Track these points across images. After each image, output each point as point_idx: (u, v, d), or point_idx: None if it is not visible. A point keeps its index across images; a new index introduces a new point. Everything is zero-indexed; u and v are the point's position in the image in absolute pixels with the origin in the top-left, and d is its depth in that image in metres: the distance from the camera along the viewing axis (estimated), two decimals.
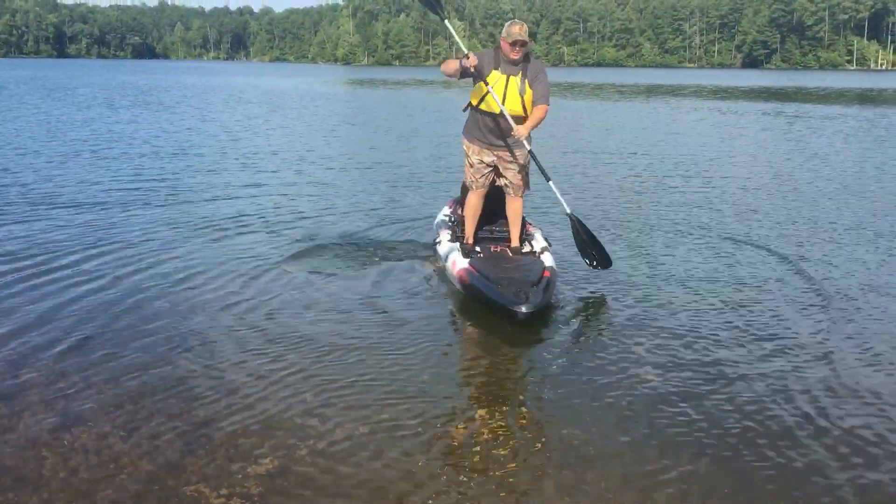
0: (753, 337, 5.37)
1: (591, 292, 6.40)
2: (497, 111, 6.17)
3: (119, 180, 11.42)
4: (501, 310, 5.41)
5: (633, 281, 6.69)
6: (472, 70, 6.08)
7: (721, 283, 6.67)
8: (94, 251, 7.28)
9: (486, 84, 6.13)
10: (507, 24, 6.19)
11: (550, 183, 6.49)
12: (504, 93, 6.13)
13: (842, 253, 7.71)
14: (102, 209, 9.28)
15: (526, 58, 6.19)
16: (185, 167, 13.13)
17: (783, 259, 7.48)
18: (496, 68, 6.14)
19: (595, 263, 6.63)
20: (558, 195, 6.59)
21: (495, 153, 6.40)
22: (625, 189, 11.49)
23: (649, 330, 5.49)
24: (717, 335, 5.39)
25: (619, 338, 5.34)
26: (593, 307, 6.09)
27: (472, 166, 6.52)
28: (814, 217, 9.46)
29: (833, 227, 8.92)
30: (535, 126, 6.16)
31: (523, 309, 5.25)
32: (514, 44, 6.05)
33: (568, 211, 6.60)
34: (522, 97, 6.14)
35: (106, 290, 6.12)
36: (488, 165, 6.46)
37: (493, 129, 6.31)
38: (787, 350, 5.14)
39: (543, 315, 5.61)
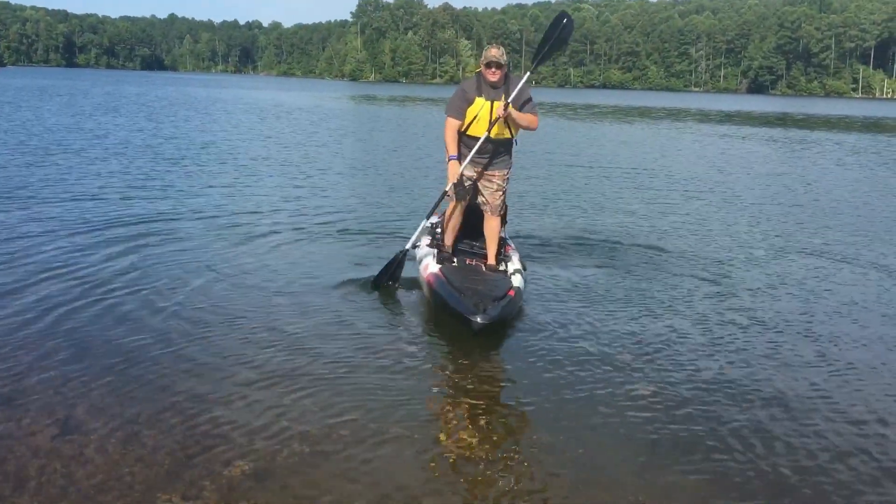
0: (738, 351, 5.43)
1: (574, 307, 6.44)
2: (482, 135, 6.36)
3: (102, 182, 11.56)
4: (459, 318, 5.53)
5: (622, 295, 6.78)
6: (450, 187, 6.47)
7: (711, 299, 6.70)
8: (87, 254, 7.37)
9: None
10: (485, 48, 6.41)
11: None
12: (490, 119, 6.30)
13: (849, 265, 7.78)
14: (93, 208, 9.31)
15: (506, 80, 6.37)
16: (179, 173, 13.22)
17: (782, 274, 7.52)
18: (480, 95, 6.32)
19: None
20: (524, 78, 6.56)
21: (476, 169, 6.56)
22: (616, 207, 11.54)
23: (640, 343, 5.56)
24: (712, 349, 5.41)
25: (607, 351, 5.41)
26: (575, 322, 6.06)
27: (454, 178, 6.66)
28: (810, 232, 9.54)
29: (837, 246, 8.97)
30: (522, 121, 6.35)
31: (478, 319, 5.36)
32: (488, 65, 6.25)
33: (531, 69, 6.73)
34: (508, 126, 6.38)
35: (103, 295, 6.18)
36: (469, 179, 6.59)
37: (478, 148, 6.45)
38: (787, 362, 5.15)
39: (506, 329, 5.72)
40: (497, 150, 6.52)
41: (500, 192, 6.66)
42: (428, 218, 6.88)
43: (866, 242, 9.61)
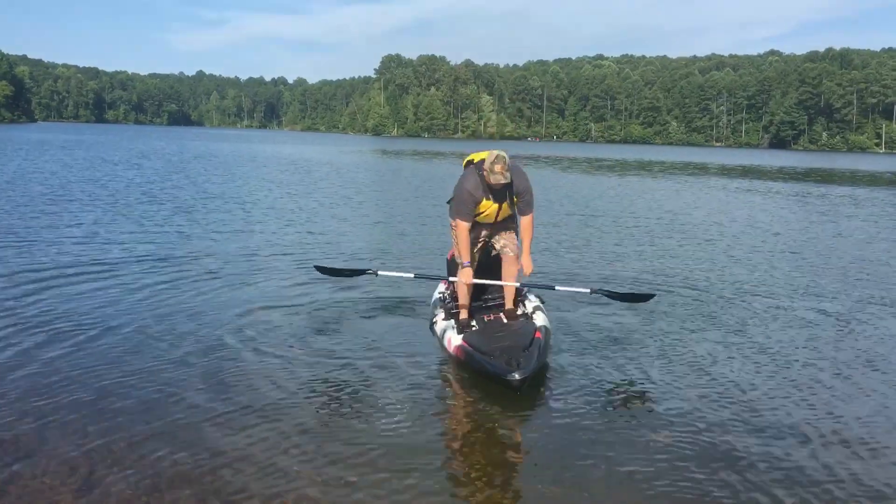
0: (760, 404, 5.21)
1: (593, 353, 6.39)
2: (492, 221, 6.51)
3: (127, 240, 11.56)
4: (497, 380, 5.43)
5: (643, 341, 6.69)
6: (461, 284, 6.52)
7: (731, 344, 6.47)
8: (83, 299, 7.30)
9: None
10: (489, 161, 6.13)
11: (557, 287, 7.16)
12: (497, 213, 6.41)
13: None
14: (111, 276, 9.17)
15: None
16: (185, 220, 13.12)
17: (808, 324, 7.21)
18: (487, 198, 6.29)
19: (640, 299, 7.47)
20: (569, 289, 7.34)
21: (487, 228, 6.62)
22: (632, 254, 11.27)
23: (660, 390, 5.46)
24: (731, 397, 5.21)
25: (629, 399, 5.37)
26: (595, 366, 6.04)
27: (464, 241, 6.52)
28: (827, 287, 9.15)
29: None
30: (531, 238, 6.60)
31: (516, 376, 5.27)
32: (496, 183, 6.15)
33: (588, 290, 7.21)
34: (512, 207, 6.49)
35: (111, 342, 6.15)
36: (482, 243, 6.64)
37: (485, 226, 6.59)
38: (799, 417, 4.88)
39: (541, 378, 5.61)
40: (504, 222, 6.62)
41: (515, 234, 6.66)
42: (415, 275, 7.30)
43: None
